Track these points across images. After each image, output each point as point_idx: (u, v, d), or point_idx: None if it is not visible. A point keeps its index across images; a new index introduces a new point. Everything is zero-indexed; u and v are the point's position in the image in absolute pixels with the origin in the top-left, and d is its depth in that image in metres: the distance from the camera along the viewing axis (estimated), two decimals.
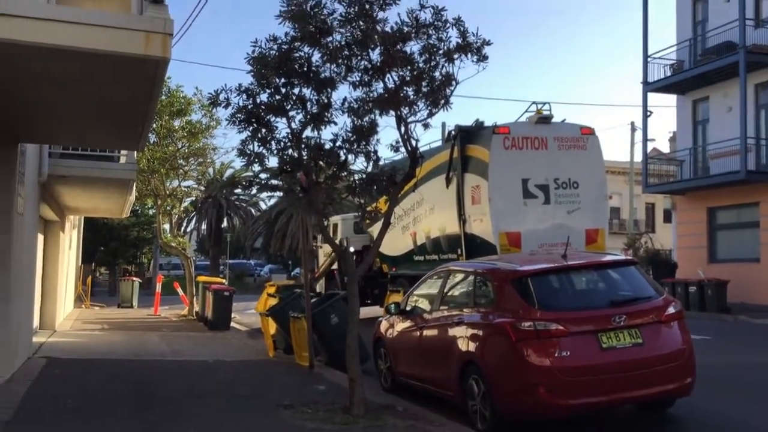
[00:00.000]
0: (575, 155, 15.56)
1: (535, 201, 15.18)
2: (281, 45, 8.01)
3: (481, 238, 15.31)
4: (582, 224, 15.30)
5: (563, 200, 15.36)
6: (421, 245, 18.09)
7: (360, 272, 8.85)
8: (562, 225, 14.91)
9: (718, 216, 26.41)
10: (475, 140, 15.75)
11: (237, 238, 55.77)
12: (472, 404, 7.52)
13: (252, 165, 8.58)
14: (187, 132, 22.05)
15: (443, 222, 16.76)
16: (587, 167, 15.67)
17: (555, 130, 15.65)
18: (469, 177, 15.74)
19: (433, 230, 17.37)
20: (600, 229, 15.54)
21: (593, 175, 15.79)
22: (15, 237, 9.92)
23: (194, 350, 14.41)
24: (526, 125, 15.68)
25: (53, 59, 5.80)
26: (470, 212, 15.65)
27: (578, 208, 15.38)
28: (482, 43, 7.95)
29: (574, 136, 15.70)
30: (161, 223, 25.50)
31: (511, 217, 14.98)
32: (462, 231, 15.85)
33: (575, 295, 7.89)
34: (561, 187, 15.36)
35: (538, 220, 15.07)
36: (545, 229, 14.85)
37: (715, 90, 26.21)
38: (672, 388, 7.28)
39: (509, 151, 15.14)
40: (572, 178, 15.45)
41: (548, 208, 15.23)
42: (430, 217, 17.46)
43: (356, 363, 8.16)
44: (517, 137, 15.23)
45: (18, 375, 10.11)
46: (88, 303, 28.19)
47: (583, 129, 15.90)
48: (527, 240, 14.74)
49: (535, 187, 15.23)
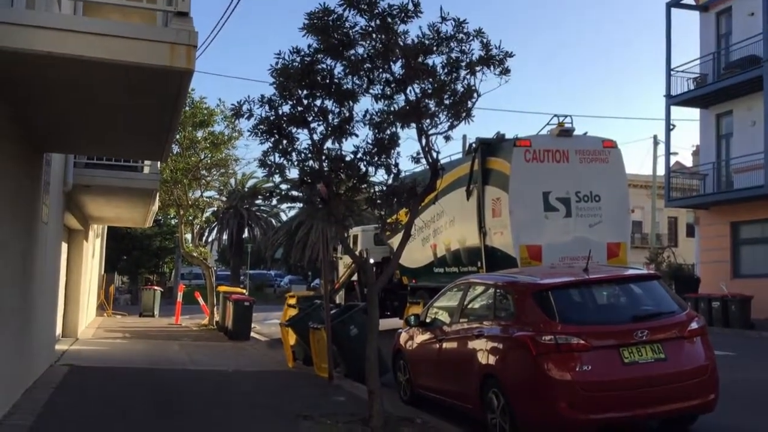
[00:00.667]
0: (597, 168, 15.45)
1: (557, 214, 15.08)
2: (304, 57, 8.07)
3: (501, 251, 15.24)
4: (603, 238, 15.15)
5: (585, 213, 15.23)
6: (441, 257, 18.04)
7: (380, 284, 8.85)
8: (583, 238, 14.74)
9: (742, 231, 26.12)
10: (496, 153, 15.71)
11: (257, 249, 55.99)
12: (492, 417, 7.48)
13: (273, 176, 8.64)
14: (209, 143, 22.23)
15: (463, 234, 16.71)
16: (609, 180, 15.54)
17: (576, 143, 15.54)
18: (489, 189, 15.69)
19: (453, 242, 17.32)
20: (622, 243, 15.39)
21: (615, 189, 15.65)
22: (39, 245, 10.04)
23: (214, 360, 14.46)
24: (548, 138, 15.62)
25: (79, 70, 5.88)
26: (491, 225, 15.58)
27: (600, 222, 15.24)
28: (505, 55, 7.95)
29: (595, 149, 15.59)
30: (183, 233, 25.68)
31: (532, 230, 14.88)
32: (482, 244, 15.79)
33: (597, 309, 7.82)
34: (582, 201, 15.24)
35: (559, 233, 14.96)
36: (566, 243, 14.71)
37: (739, 104, 25.99)
38: (694, 404, 7.19)
39: (530, 164, 15.08)
40: (594, 192, 15.31)
41: (569, 222, 15.12)
42: (451, 230, 17.41)
43: (375, 375, 8.15)
44: (539, 150, 15.16)
45: (40, 382, 10.20)
46: (110, 311, 28.40)
47: (605, 142, 15.79)
48: (548, 253, 14.63)
49: (556, 200, 15.12)
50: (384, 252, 20.69)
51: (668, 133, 28.56)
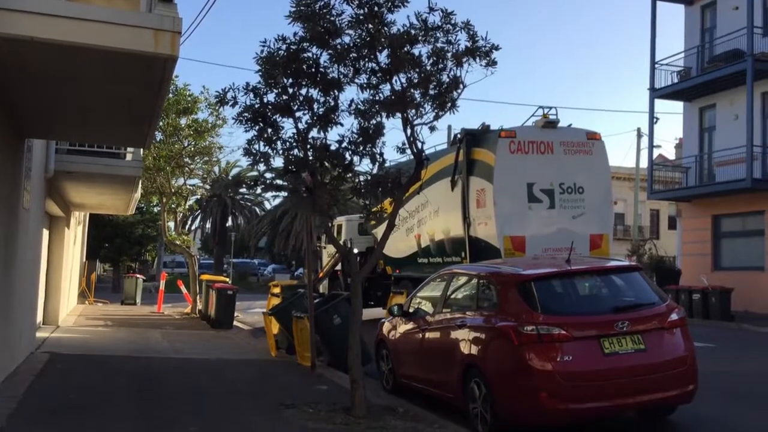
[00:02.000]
0: (581, 160, 15.53)
1: (540, 205, 15.16)
2: (290, 45, 8.04)
3: (485, 242, 15.31)
4: (587, 229, 15.24)
5: (568, 205, 15.32)
6: (425, 248, 18.08)
7: (364, 273, 8.86)
8: (566, 230, 14.85)
9: (723, 224, 26.37)
10: (481, 144, 15.75)
11: (241, 237, 55.87)
12: (474, 407, 7.53)
13: (257, 164, 8.59)
14: (193, 130, 22.08)
15: (447, 225, 16.77)
16: (593, 172, 15.63)
17: (561, 134, 15.61)
18: (474, 180, 15.75)
19: (437, 233, 17.35)
20: (604, 234, 15.49)
21: (599, 181, 15.75)
22: (20, 232, 9.95)
23: (197, 348, 14.43)
24: (533, 129, 15.66)
25: (61, 56, 5.82)
26: (475, 215, 15.64)
27: (583, 213, 15.33)
28: (491, 47, 7.96)
29: (580, 141, 15.66)
30: (166, 221, 25.55)
31: (516, 221, 14.95)
32: (466, 234, 15.85)
33: (578, 300, 7.88)
34: (566, 192, 15.33)
35: (542, 224, 15.05)
36: (550, 234, 14.81)
37: (722, 97, 26.18)
38: (674, 394, 7.27)
39: (515, 155, 15.13)
40: (578, 183, 15.40)
41: (553, 213, 15.20)
42: (435, 220, 17.45)
43: (358, 364, 8.17)
44: (523, 141, 15.21)
45: (21, 370, 10.15)
46: (92, 299, 28.25)
47: (590, 134, 15.87)
48: (531, 244, 14.70)
49: (540, 191, 15.20)
50: (368, 242, 20.71)
51: (651, 126, 28.73)
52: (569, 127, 16.03)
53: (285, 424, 7.45)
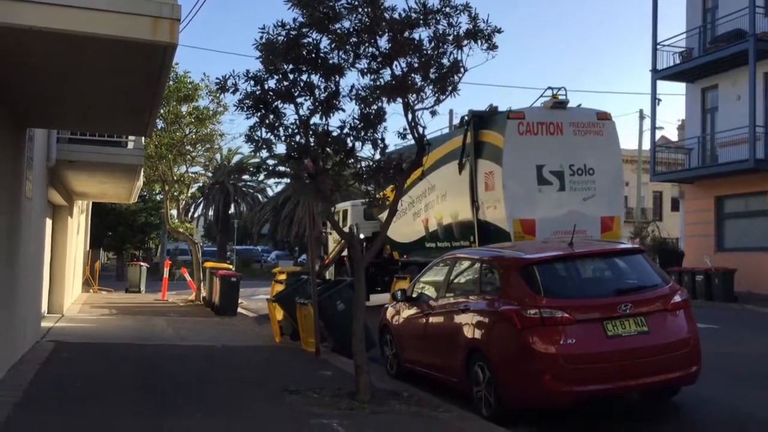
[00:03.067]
0: (591, 141, 15.20)
1: (550, 188, 14.87)
2: (289, 31, 7.99)
3: (494, 225, 15.05)
4: (597, 211, 14.96)
5: (578, 187, 15.02)
6: (432, 232, 17.83)
7: (367, 259, 8.87)
8: (577, 212, 14.53)
9: (726, 205, 26.33)
10: (489, 125, 15.44)
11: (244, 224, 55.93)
12: (477, 390, 7.56)
13: (259, 151, 8.58)
14: (194, 118, 22.02)
15: (456, 209, 16.50)
16: (603, 153, 15.29)
17: (571, 115, 15.28)
18: (482, 163, 15.44)
19: (445, 217, 17.10)
20: (616, 216, 15.18)
21: (609, 162, 15.41)
22: (23, 221, 9.97)
23: (201, 335, 14.48)
24: (542, 110, 15.31)
25: (60, 45, 5.80)
26: (483, 199, 15.38)
27: (593, 195, 15.03)
28: (492, 30, 7.90)
29: (590, 122, 15.32)
30: (169, 209, 25.55)
31: (526, 203, 14.68)
32: (475, 218, 15.59)
33: (581, 283, 7.89)
34: (576, 174, 15.03)
35: (552, 207, 14.75)
36: (560, 217, 14.45)
37: (725, 78, 26.06)
38: (677, 376, 7.30)
39: (524, 137, 14.82)
40: (588, 165, 15.08)
41: (563, 195, 14.91)
42: (443, 204, 17.19)
43: (362, 349, 8.20)
44: (532, 122, 14.91)
45: (26, 359, 10.19)
46: (96, 287, 28.33)
47: (600, 114, 15.52)
48: (541, 227, 14.41)
49: (549, 173, 14.91)
50: (374, 227, 20.62)
51: (654, 108, 28.65)
52: (579, 108, 15.69)
53: (289, 409, 7.48)
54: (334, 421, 6.91)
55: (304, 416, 7.16)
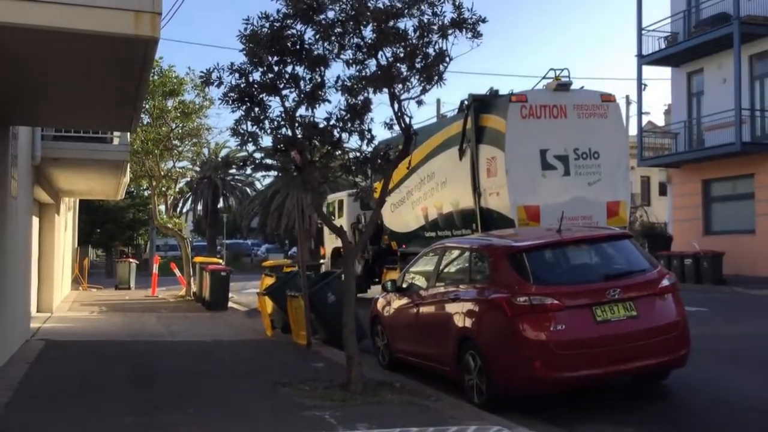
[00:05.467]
0: (596, 124, 14.68)
1: (555, 173, 14.37)
2: (273, 22, 7.94)
3: (497, 213, 14.58)
4: (603, 197, 14.50)
5: (583, 171, 14.52)
6: (432, 221, 17.28)
7: (357, 250, 8.86)
8: (582, 198, 14.13)
9: (714, 188, 26.47)
10: (490, 110, 14.93)
11: (233, 218, 55.77)
12: (469, 379, 7.58)
13: (246, 144, 8.54)
14: (180, 112, 21.89)
15: (456, 196, 15.97)
16: (608, 136, 14.80)
17: (574, 97, 14.80)
18: (484, 148, 14.91)
19: (445, 205, 16.55)
20: (622, 201, 14.74)
21: (615, 145, 14.92)
22: (9, 220, 9.90)
23: (192, 330, 14.46)
24: (544, 93, 14.82)
25: (40, 40, 5.75)
26: (486, 185, 14.85)
27: (599, 180, 14.54)
28: (477, 19, 7.89)
29: (594, 104, 14.83)
30: (157, 205, 25.45)
31: (530, 190, 14.19)
32: (477, 205, 15.09)
33: (570, 269, 7.92)
34: (581, 158, 14.53)
35: (557, 192, 14.18)
36: (565, 203, 13.55)
37: (710, 62, 26.14)
38: (667, 359, 7.35)
39: (526, 120, 14.31)
40: (593, 148, 14.58)
41: (568, 180, 14.40)
42: (442, 192, 16.65)
43: (353, 341, 8.21)
44: (535, 105, 14.40)
45: (16, 358, 10.15)
46: (86, 285, 28.22)
47: (604, 96, 15.07)
48: (546, 214, 13.81)
49: (554, 158, 14.41)
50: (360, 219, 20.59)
51: (640, 93, 28.69)
52: (582, 90, 15.24)
53: (282, 402, 7.48)
54: (327, 413, 6.92)
55: (297, 408, 7.16)
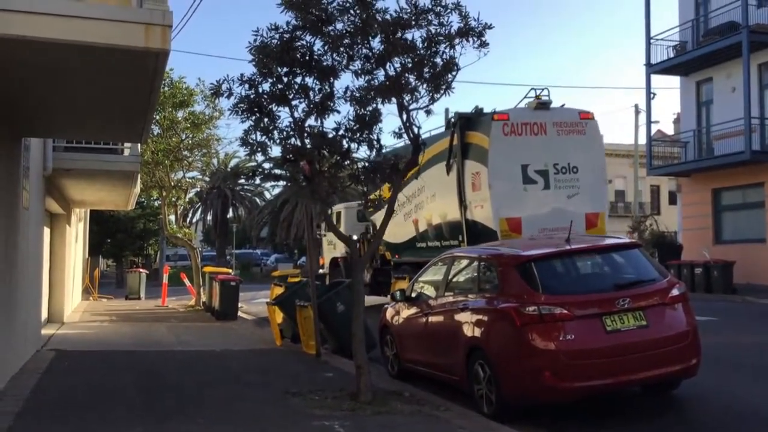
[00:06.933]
0: (574, 140, 15.56)
1: (535, 186, 15.22)
2: (283, 34, 8.01)
3: (482, 224, 15.36)
4: (582, 208, 15.28)
5: (563, 185, 15.38)
6: (423, 232, 18.10)
7: (365, 260, 8.88)
8: (562, 210, 14.90)
9: (723, 197, 26.36)
10: (475, 127, 15.75)
11: (243, 228, 55.91)
12: (478, 388, 7.57)
13: (255, 155, 8.61)
14: (190, 123, 22.03)
15: (445, 209, 16.79)
16: (586, 152, 15.66)
17: (554, 115, 15.64)
18: (469, 164, 15.78)
19: (434, 217, 17.39)
20: (600, 212, 15.56)
21: (593, 160, 15.78)
22: (21, 231, 9.97)
23: (202, 340, 14.49)
24: (525, 111, 15.69)
25: (53, 54, 5.82)
26: (471, 199, 15.68)
27: (578, 193, 15.38)
28: (484, 27, 7.93)
29: (573, 121, 15.69)
30: (167, 215, 25.56)
31: (512, 202, 15.02)
32: (463, 217, 15.89)
33: (579, 278, 7.90)
34: (560, 172, 15.38)
35: (538, 205, 15.11)
36: (545, 214, 14.86)
37: (719, 71, 26.09)
38: (677, 369, 7.31)
39: (508, 137, 15.18)
40: (572, 163, 15.43)
41: (548, 193, 15.26)
42: (432, 204, 17.48)
43: (362, 350, 8.22)
44: (516, 123, 15.25)
45: (27, 368, 10.19)
46: (96, 295, 28.32)
47: (582, 114, 15.87)
48: (527, 225, 14.76)
49: (534, 172, 15.25)
50: (366, 229, 20.79)
51: (649, 102, 28.65)
52: (562, 108, 16.02)
53: (292, 412, 7.49)
54: (336, 423, 6.92)
55: (306, 418, 7.17)
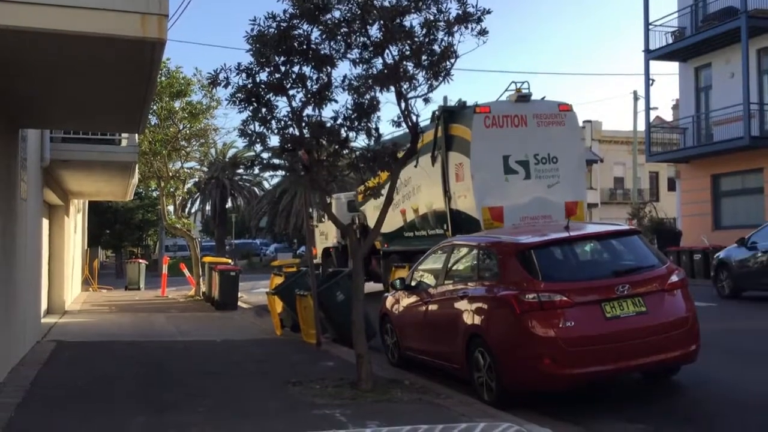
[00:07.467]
0: (554, 131, 15.95)
1: (516, 176, 15.59)
2: (280, 23, 7.96)
3: (465, 214, 15.76)
4: (561, 197, 15.69)
5: (543, 175, 15.76)
6: (410, 222, 18.58)
7: (364, 249, 8.88)
8: (542, 199, 15.37)
9: (722, 183, 26.36)
10: (458, 120, 16.16)
11: (242, 218, 55.91)
12: (478, 376, 7.58)
13: (253, 145, 8.58)
14: (187, 113, 21.97)
15: (430, 199, 17.26)
16: (565, 142, 16.04)
17: (534, 107, 16.03)
18: (453, 155, 16.19)
19: (421, 207, 17.89)
20: (579, 201, 15.92)
21: (571, 150, 16.20)
22: (19, 222, 9.96)
23: (202, 330, 14.51)
24: (506, 104, 16.09)
25: (48, 43, 5.78)
26: (455, 189, 16.11)
27: (558, 182, 15.76)
28: (482, 12, 7.90)
29: (552, 113, 16.07)
30: (165, 205, 25.54)
31: (494, 192, 15.40)
32: (447, 207, 16.34)
33: (579, 265, 7.91)
34: (541, 163, 15.76)
35: (519, 194, 15.49)
36: (526, 203, 15.28)
37: (718, 56, 26.03)
38: (676, 355, 7.32)
39: (490, 129, 15.55)
40: (551, 154, 15.81)
41: (529, 183, 15.64)
42: (418, 195, 17.96)
43: (362, 339, 8.23)
44: (498, 116, 15.63)
45: (27, 359, 10.21)
46: (96, 286, 28.34)
47: (561, 106, 16.29)
48: (509, 214, 15.14)
49: (515, 163, 15.62)
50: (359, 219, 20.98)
51: (648, 88, 28.61)
52: (542, 100, 16.44)
53: (293, 401, 7.51)
54: (337, 411, 6.94)
55: (307, 407, 7.19)
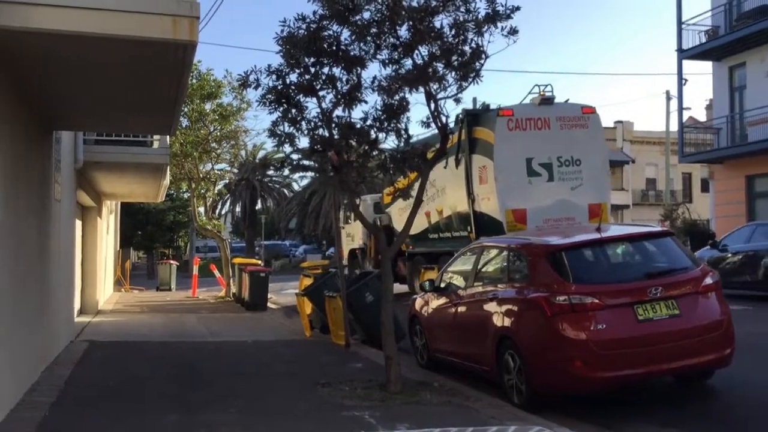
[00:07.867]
0: (577, 134, 16.02)
1: (539, 179, 15.69)
2: (310, 24, 7.99)
3: (488, 216, 15.90)
4: (585, 200, 15.76)
5: (566, 177, 15.84)
6: (434, 224, 18.75)
7: (393, 251, 8.88)
8: (565, 201, 15.47)
9: (757, 184, 25.89)
10: (481, 123, 16.26)
11: (271, 220, 56.20)
12: (508, 378, 7.53)
13: (283, 146, 8.63)
14: (218, 115, 22.17)
15: (454, 201, 17.46)
16: (589, 145, 16.12)
17: (557, 110, 16.10)
18: (476, 158, 16.33)
19: (445, 209, 18.08)
20: (603, 203, 15.94)
21: (595, 152, 16.24)
22: (53, 223, 10.10)
23: (232, 331, 14.60)
24: (530, 107, 16.20)
25: (80, 47, 5.85)
26: (478, 191, 16.25)
27: (581, 185, 15.85)
28: (511, 10, 7.84)
29: (575, 116, 16.14)
30: (196, 207, 25.77)
31: (517, 194, 15.51)
32: (471, 209, 16.50)
33: (610, 267, 7.82)
34: (564, 165, 15.86)
35: (542, 197, 15.56)
36: (549, 206, 15.38)
37: (752, 55, 25.58)
38: (710, 358, 7.20)
39: (513, 132, 15.68)
40: (575, 156, 15.91)
41: (552, 185, 15.72)
42: (443, 197, 18.11)
43: (392, 340, 8.21)
44: (521, 119, 15.74)
45: (61, 359, 10.34)
46: (128, 286, 28.67)
47: (585, 108, 16.33)
48: (532, 216, 15.23)
49: (539, 165, 15.73)
50: (384, 220, 21.05)
51: (680, 88, 28.21)
52: (565, 103, 16.51)
53: (322, 402, 7.51)
54: (366, 413, 6.93)
55: (336, 408, 7.19)
